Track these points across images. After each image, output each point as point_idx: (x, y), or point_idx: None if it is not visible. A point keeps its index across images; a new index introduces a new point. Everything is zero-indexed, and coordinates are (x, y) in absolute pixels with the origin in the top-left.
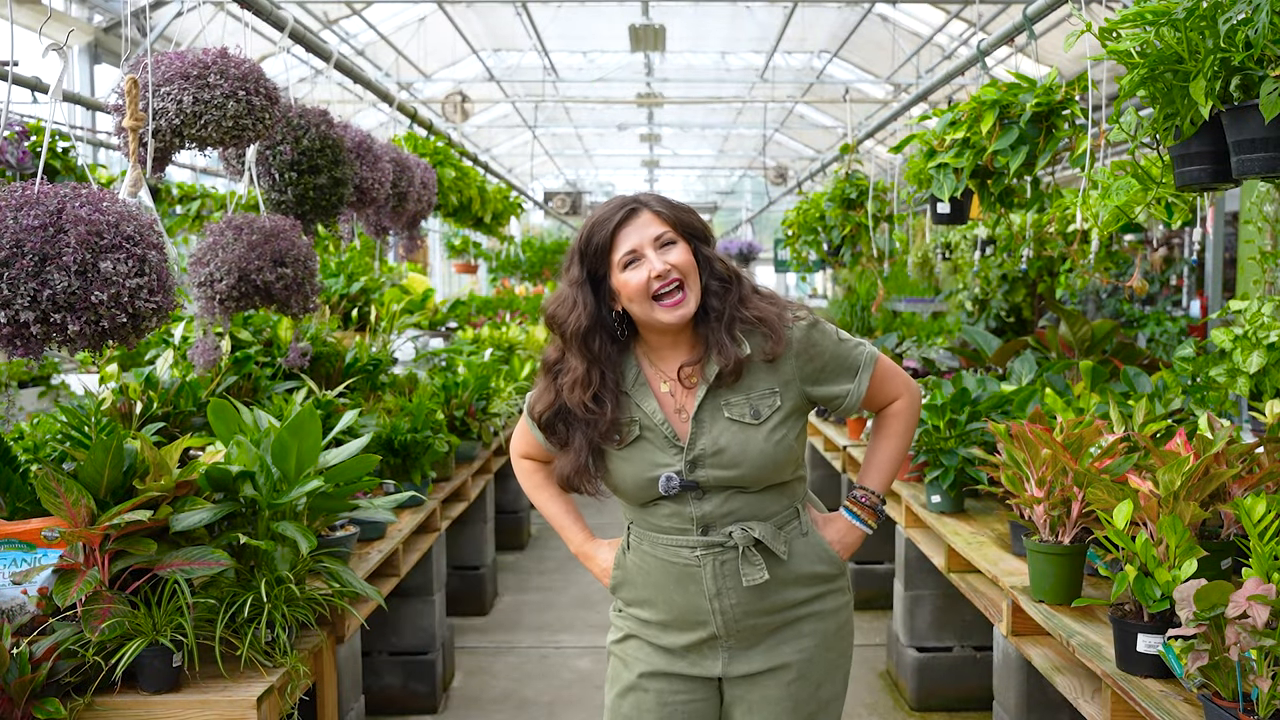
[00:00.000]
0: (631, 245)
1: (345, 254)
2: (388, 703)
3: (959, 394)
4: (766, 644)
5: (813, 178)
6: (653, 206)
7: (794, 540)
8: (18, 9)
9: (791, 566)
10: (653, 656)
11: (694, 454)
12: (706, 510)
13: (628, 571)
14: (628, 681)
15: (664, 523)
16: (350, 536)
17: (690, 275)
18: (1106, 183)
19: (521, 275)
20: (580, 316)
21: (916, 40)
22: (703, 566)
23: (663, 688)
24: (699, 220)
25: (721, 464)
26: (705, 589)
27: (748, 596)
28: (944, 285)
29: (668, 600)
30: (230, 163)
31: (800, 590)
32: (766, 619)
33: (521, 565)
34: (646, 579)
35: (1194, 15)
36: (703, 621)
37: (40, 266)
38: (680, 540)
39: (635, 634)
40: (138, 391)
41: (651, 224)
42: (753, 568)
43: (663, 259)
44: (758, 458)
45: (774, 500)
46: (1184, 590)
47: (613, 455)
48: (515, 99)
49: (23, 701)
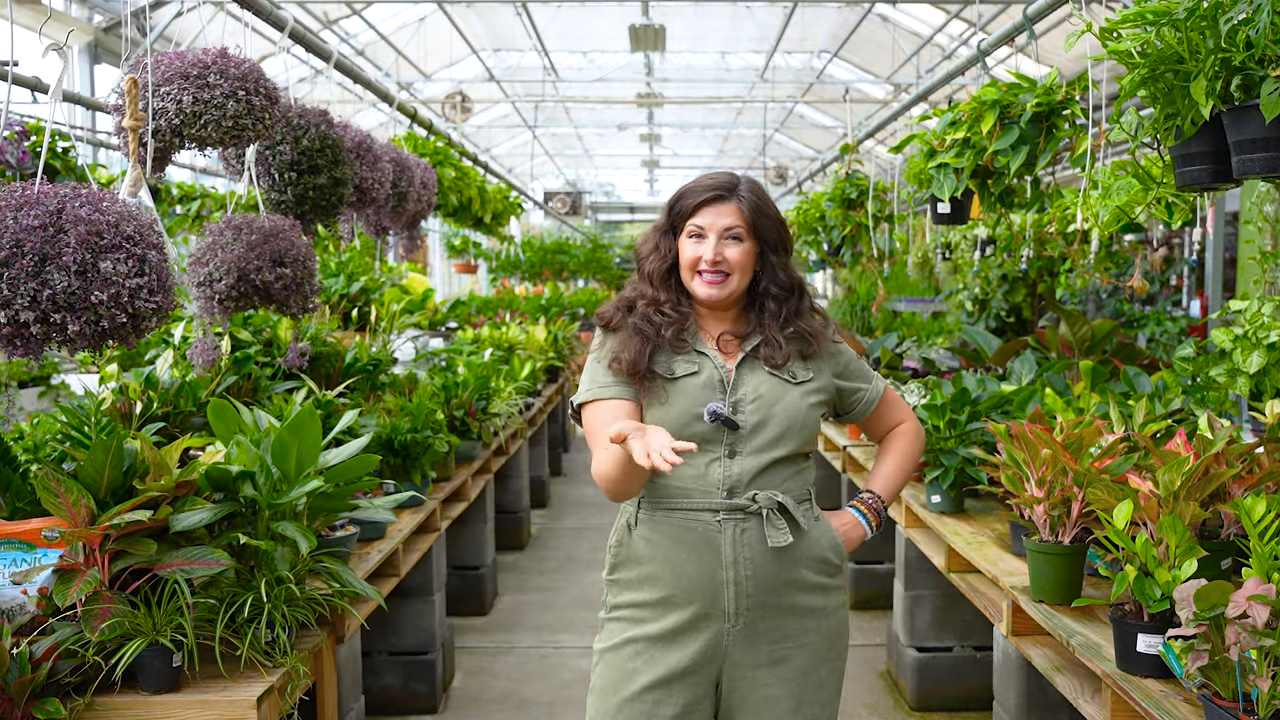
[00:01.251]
0: (703, 223)
1: (345, 254)
2: (388, 703)
3: (959, 394)
4: (770, 635)
5: (813, 178)
6: (740, 201)
7: (808, 522)
8: (18, 9)
9: (807, 545)
10: (653, 664)
11: (736, 396)
12: (735, 472)
13: (631, 548)
14: (626, 694)
15: (688, 485)
16: (350, 536)
17: (739, 273)
18: (1107, 183)
19: (521, 275)
20: (658, 260)
21: (916, 40)
22: (723, 532)
23: (660, 698)
24: (779, 231)
25: (760, 410)
26: (723, 556)
27: (763, 567)
28: (944, 285)
29: (677, 572)
30: (230, 163)
31: (810, 574)
32: (775, 598)
33: (521, 565)
34: (655, 552)
35: (1195, 15)
36: (713, 595)
37: (40, 266)
38: (702, 503)
39: (631, 637)
40: (138, 391)
41: (729, 215)
42: (777, 530)
43: (721, 249)
44: (793, 410)
45: (795, 478)
46: (1184, 590)
47: (665, 386)
48: (515, 99)
49: (23, 701)
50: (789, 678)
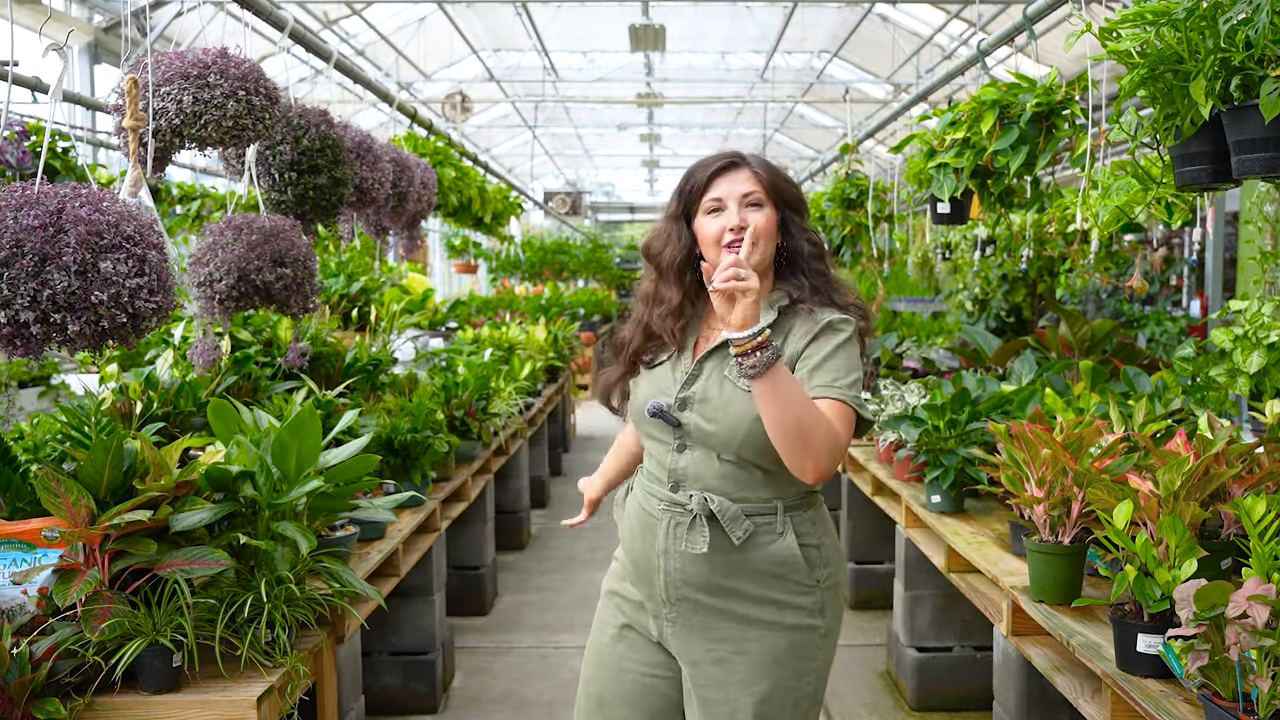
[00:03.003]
0: (720, 194)
1: (345, 254)
2: (388, 703)
3: (959, 394)
4: (707, 634)
5: (813, 178)
6: (753, 166)
7: (761, 533)
8: (18, 9)
9: (748, 557)
10: (626, 622)
11: (685, 394)
12: (682, 466)
13: (622, 511)
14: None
15: (652, 469)
16: (350, 536)
17: (765, 239)
18: (1106, 183)
19: (521, 275)
20: (675, 250)
21: (916, 40)
22: (660, 521)
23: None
24: (796, 191)
25: (704, 415)
26: (657, 544)
27: (691, 567)
28: (944, 285)
29: (630, 546)
30: (230, 163)
31: (753, 586)
32: (709, 599)
33: (521, 565)
34: (627, 519)
35: (1194, 15)
36: (650, 577)
37: (40, 266)
38: (654, 489)
39: (612, 590)
40: (138, 391)
41: (746, 181)
42: (698, 536)
43: (743, 215)
44: (734, 422)
45: (754, 487)
46: (1184, 590)
47: (641, 374)
48: (515, 99)
49: (23, 701)
50: (727, 683)
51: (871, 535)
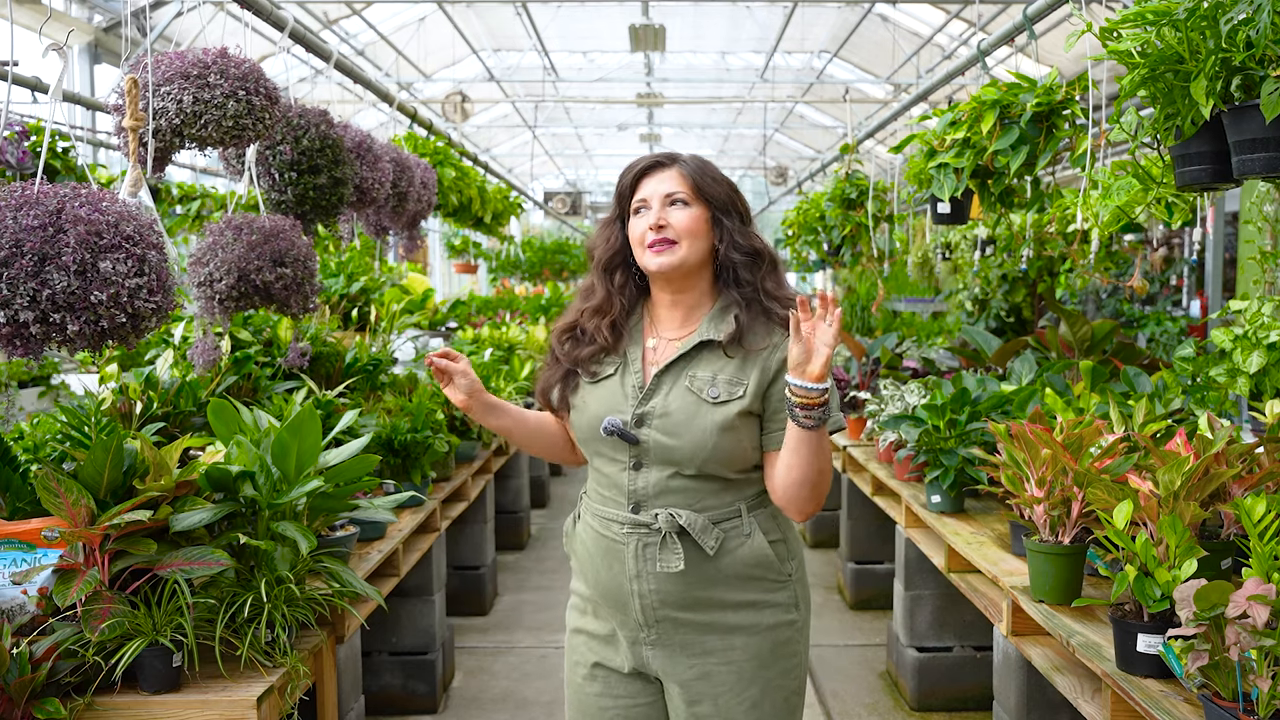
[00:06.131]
0: (645, 194)
1: (345, 254)
2: (388, 703)
3: (959, 394)
4: (691, 649)
5: (813, 178)
6: (681, 167)
7: (731, 539)
8: (18, 9)
9: (722, 565)
10: (597, 660)
11: (643, 409)
12: (640, 485)
13: (573, 541)
14: (578, 680)
15: (604, 491)
16: (350, 536)
17: (689, 238)
18: (1107, 183)
19: (521, 275)
20: (605, 249)
21: (916, 40)
22: (626, 545)
23: (602, 691)
24: (726, 192)
25: (665, 430)
26: (626, 569)
27: (668, 585)
28: (944, 285)
29: (595, 576)
30: (230, 163)
31: (731, 592)
32: (689, 615)
33: (521, 565)
34: (584, 549)
35: (1195, 15)
36: (624, 604)
37: (40, 266)
38: (612, 514)
39: (578, 628)
40: (138, 391)
41: (670, 181)
42: (671, 554)
43: (664, 215)
44: (700, 436)
45: (715, 495)
46: (1184, 590)
47: (585, 388)
48: (515, 99)
49: (23, 701)
50: (718, 695)
51: (871, 535)
